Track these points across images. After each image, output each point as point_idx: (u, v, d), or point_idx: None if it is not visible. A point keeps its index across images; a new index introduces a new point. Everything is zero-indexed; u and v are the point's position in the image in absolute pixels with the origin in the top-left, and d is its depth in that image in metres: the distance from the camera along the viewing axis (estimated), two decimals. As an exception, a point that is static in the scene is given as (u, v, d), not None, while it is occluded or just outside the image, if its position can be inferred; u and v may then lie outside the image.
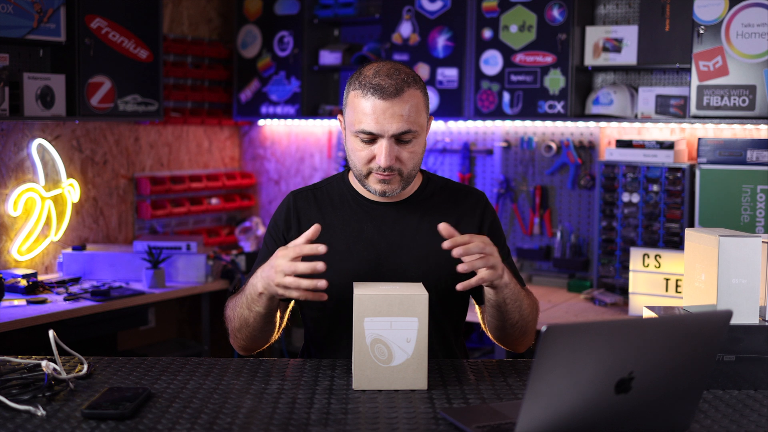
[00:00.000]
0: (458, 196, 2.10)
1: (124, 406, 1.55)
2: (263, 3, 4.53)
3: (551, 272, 3.99)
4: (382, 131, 1.89)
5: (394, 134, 1.89)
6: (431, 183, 2.10)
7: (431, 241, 2.00)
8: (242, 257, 4.09)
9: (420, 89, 1.95)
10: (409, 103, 1.90)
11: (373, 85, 1.89)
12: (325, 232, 2.02)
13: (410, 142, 1.92)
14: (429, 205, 2.07)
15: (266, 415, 1.56)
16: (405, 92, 1.89)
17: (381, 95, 1.88)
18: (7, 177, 3.68)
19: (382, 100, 1.88)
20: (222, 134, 4.85)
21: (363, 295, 1.67)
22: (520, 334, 1.95)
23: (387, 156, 1.90)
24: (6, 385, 1.67)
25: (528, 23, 3.76)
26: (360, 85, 1.92)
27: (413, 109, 1.90)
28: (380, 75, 1.90)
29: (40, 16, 3.46)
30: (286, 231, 2.06)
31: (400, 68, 1.94)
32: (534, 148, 4.02)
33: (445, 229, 1.76)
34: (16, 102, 3.44)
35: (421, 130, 1.94)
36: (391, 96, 1.88)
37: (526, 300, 1.92)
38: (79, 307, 3.31)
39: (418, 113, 1.92)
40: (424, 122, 1.96)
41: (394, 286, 1.74)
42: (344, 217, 2.05)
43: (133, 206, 4.29)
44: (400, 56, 4.07)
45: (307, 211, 2.07)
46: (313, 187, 2.13)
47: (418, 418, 1.55)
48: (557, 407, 1.31)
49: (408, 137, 1.91)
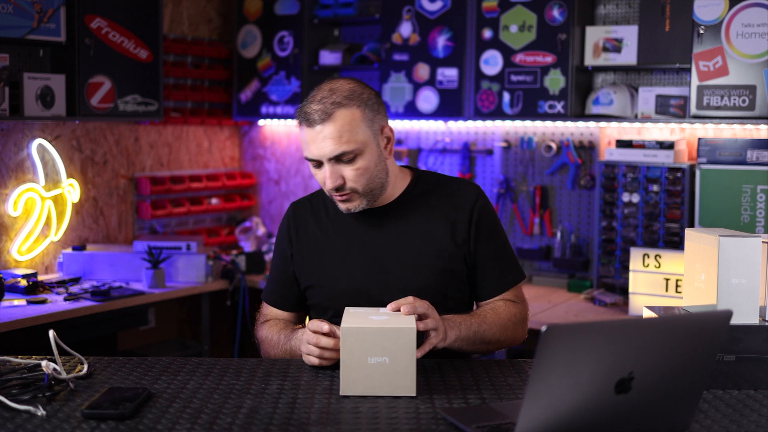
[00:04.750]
0: (450, 190, 2.10)
1: (124, 406, 1.56)
2: (263, 3, 4.53)
3: (551, 272, 3.99)
4: (320, 156, 1.94)
5: (331, 158, 1.93)
6: (421, 181, 2.11)
7: (424, 240, 2.03)
8: (242, 257, 4.10)
9: (356, 106, 1.94)
10: (340, 125, 1.91)
11: (303, 114, 1.95)
12: (321, 241, 2.09)
13: (353, 161, 1.95)
14: (420, 203, 2.08)
15: (266, 415, 1.57)
16: (334, 115, 1.91)
17: (309, 123, 1.93)
18: (7, 177, 3.68)
19: (310, 128, 1.93)
20: (222, 134, 4.85)
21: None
22: (501, 347, 2.03)
23: (329, 179, 1.94)
24: (6, 385, 1.68)
25: (528, 23, 3.76)
26: (297, 114, 1.97)
27: (346, 129, 1.92)
28: (311, 102, 1.95)
29: (40, 16, 3.47)
30: (288, 245, 2.13)
31: (335, 89, 1.95)
32: (534, 148, 4.02)
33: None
34: (16, 102, 3.45)
35: (362, 146, 1.94)
36: (319, 122, 1.92)
37: (491, 327, 1.96)
38: (79, 307, 3.32)
39: (353, 132, 1.93)
40: (366, 138, 1.95)
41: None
42: (337, 224, 2.09)
43: (133, 206, 4.30)
44: (400, 56, 4.07)
45: (304, 222, 2.13)
46: (311, 196, 2.19)
47: (419, 418, 1.55)
48: (557, 407, 1.32)
49: (347, 157, 1.94)
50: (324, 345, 1.81)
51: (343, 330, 1.67)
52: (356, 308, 1.82)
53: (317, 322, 1.82)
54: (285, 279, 2.14)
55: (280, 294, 2.16)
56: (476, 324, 1.93)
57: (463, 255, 2.04)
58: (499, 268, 2.08)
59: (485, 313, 1.98)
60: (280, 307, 2.16)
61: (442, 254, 2.03)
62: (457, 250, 2.03)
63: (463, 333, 1.89)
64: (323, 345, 1.80)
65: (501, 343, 2.00)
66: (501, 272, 2.08)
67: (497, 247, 2.08)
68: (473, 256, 2.05)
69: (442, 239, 2.03)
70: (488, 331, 1.94)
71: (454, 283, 2.05)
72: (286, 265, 2.13)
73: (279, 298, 2.16)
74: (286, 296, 2.15)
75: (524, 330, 2.09)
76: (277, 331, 2.06)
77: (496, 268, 2.07)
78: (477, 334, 1.92)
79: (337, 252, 2.06)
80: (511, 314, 2.03)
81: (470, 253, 2.04)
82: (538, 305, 3.52)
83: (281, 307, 2.16)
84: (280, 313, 2.16)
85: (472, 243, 2.04)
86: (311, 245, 2.09)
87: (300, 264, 2.10)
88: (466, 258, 2.04)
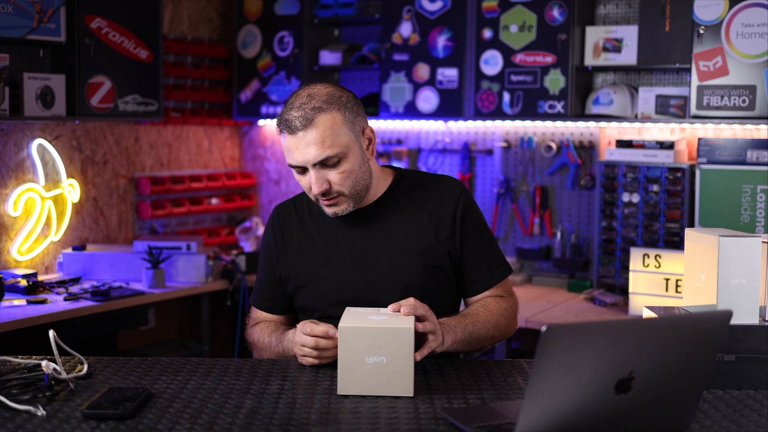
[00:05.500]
0: (432, 186, 2.11)
1: (124, 406, 1.56)
2: (263, 3, 4.54)
3: (551, 272, 3.99)
4: (304, 162, 1.94)
5: (315, 163, 1.93)
6: (404, 180, 2.12)
7: (408, 238, 2.04)
8: (242, 257, 4.10)
9: (336, 110, 1.94)
10: (322, 129, 1.92)
11: (284, 122, 1.95)
12: (305, 243, 2.10)
13: (338, 165, 1.95)
14: (402, 201, 2.08)
15: (266, 415, 1.57)
16: (314, 120, 1.92)
17: (290, 131, 1.93)
18: (7, 177, 3.68)
19: (292, 135, 1.93)
20: (222, 134, 4.86)
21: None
22: (495, 342, 2.03)
23: (315, 184, 1.95)
24: (6, 385, 1.68)
25: (528, 23, 3.76)
26: (279, 121, 1.97)
27: (328, 133, 1.92)
28: (291, 109, 1.95)
29: (40, 16, 3.47)
30: (274, 248, 2.14)
31: (313, 94, 1.95)
32: (534, 148, 4.03)
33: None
34: (16, 102, 3.45)
35: (345, 149, 1.95)
36: (300, 129, 1.92)
37: (485, 325, 1.97)
38: (79, 307, 3.32)
39: (336, 135, 1.93)
40: (348, 140, 1.96)
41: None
42: (321, 226, 2.10)
43: (133, 206, 4.30)
44: (400, 56, 4.08)
45: (288, 224, 2.14)
46: (294, 199, 2.19)
47: (419, 418, 1.56)
48: (557, 407, 1.32)
49: (332, 161, 1.94)
50: (323, 346, 1.81)
51: (341, 329, 1.67)
52: (357, 308, 1.83)
53: (309, 324, 1.82)
54: (272, 282, 2.15)
55: (268, 297, 2.17)
56: (470, 324, 1.93)
57: (448, 251, 2.05)
58: (487, 262, 2.09)
59: (477, 312, 1.99)
60: (269, 310, 2.17)
61: (427, 251, 2.04)
62: (441, 246, 2.04)
63: (458, 336, 1.89)
64: (323, 346, 1.81)
65: (494, 339, 2.01)
66: (489, 267, 2.09)
67: (483, 242, 2.09)
68: (459, 252, 2.06)
69: (426, 236, 2.04)
70: (482, 330, 1.95)
71: (441, 279, 2.05)
72: (272, 268, 2.14)
73: (267, 301, 2.17)
74: (275, 299, 2.16)
75: (516, 323, 2.10)
76: (268, 334, 2.07)
77: (484, 262, 2.08)
78: (472, 334, 1.93)
79: (322, 254, 2.07)
80: (503, 309, 2.04)
81: (456, 249, 2.05)
82: (538, 305, 3.53)
83: (270, 311, 2.17)
84: (270, 316, 2.17)
85: (458, 239, 2.05)
86: (296, 248, 2.10)
87: (286, 267, 2.11)
88: (451, 254, 2.05)
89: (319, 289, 2.06)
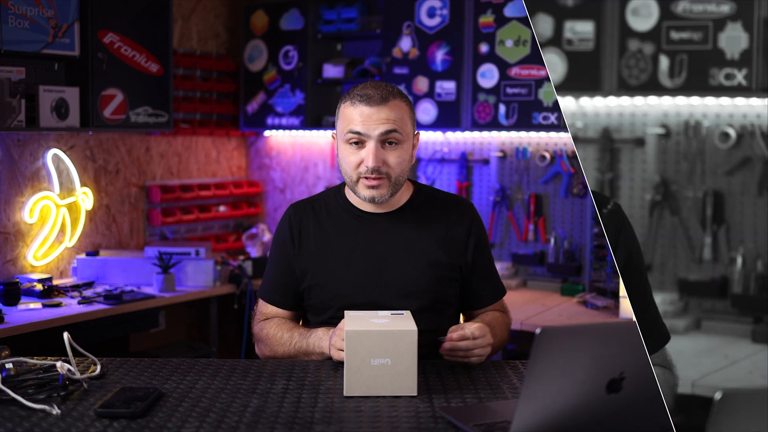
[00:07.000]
0: (446, 204, 2.18)
1: (136, 405, 1.57)
2: (269, 19, 4.59)
3: (545, 277, 4.03)
4: (368, 132, 1.99)
5: (380, 136, 1.99)
6: (421, 193, 2.18)
7: (424, 248, 2.09)
8: (249, 262, 4.13)
9: (405, 103, 2.05)
10: (395, 111, 2.00)
11: (360, 95, 2.02)
12: (322, 243, 2.11)
13: (397, 147, 2.01)
14: (420, 213, 2.14)
15: (272, 414, 1.59)
16: (391, 101, 2.01)
17: (367, 102, 2.00)
18: (23, 185, 3.73)
19: (368, 106, 1.99)
20: (229, 144, 4.91)
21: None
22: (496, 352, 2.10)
23: (374, 157, 1.99)
24: (22, 385, 1.69)
25: (523, 38, 3.82)
26: (349, 97, 2.04)
27: (398, 115, 2.01)
28: (368, 88, 2.03)
29: (55, 31, 3.51)
30: (291, 244, 2.13)
31: (387, 84, 2.06)
32: (529, 158, 4.07)
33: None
34: (32, 114, 3.46)
35: (407, 137, 2.03)
36: (377, 103, 1.99)
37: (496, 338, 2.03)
38: (92, 311, 3.35)
39: (404, 122, 2.02)
40: (410, 132, 2.05)
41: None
42: (340, 227, 2.12)
43: (144, 213, 4.34)
44: (400, 70, 4.13)
45: (306, 223, 2.14)
46: (311, 199, 2.21)
47: (418, 417, 1.59)
48: (551, 406, 1.35)
49: (394, 137, 2.00)
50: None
51: (347, 333, 1.68)
52: (356, 312, 1.84)
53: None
54: (284, 278, 2.14)
55: (281, 293, 2.15)
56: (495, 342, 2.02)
57: (460, 266, 2.12)
58: (495, 279, 2.21)
59: (493, 326, 2.05)
60: (280, 305, 2.16)
61: (440, 262, 2.09)
62: (453, 260, 2.11)
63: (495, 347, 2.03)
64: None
65: (497, 349, 2.08)
66: (496, 283, 2.21)
67: (489, 261, 2.21)
68: (470, 268, 2.14)
69: (440, 249, 2.10)
70: (496, 341, 2.03)
71: (450, 289, 2.12)
72: (288, 264, 2.13)
73: (279, 296, 2.16)
74: (287, 295, 2.15)
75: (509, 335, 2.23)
76: (288, 329, 2.07)
77: (492, 279, 2.20)
78: (495, 347, 2.03)
79: (339, 255, 2.08)
80: (506, 324, 2.18)
81: (467, 263, 2.13)
82: (532, 308, 3.57)
83: (281, 306, 2.16)
84: (279, 311, 2.16)
85: (470, 255, 2.13)
86: (313, 246, 2.10)
87: (302, 264, 2.11)
88: (462, 268, 2.13)
89: (334, 289, 2.07)
